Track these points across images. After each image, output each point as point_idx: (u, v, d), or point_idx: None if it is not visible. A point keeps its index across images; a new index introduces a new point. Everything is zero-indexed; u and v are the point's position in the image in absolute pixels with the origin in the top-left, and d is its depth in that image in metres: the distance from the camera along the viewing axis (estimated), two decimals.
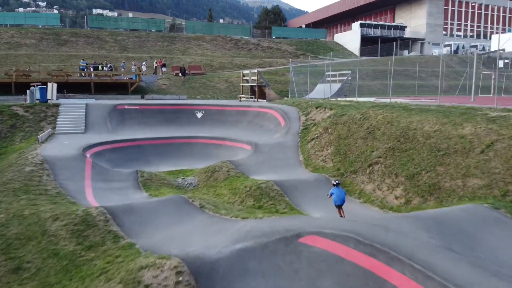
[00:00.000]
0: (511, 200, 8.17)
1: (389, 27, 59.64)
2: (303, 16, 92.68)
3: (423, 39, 59.59)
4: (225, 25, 60.56)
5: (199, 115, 22.24)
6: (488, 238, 6.60)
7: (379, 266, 5.38)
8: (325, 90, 26.01)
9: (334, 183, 10.15)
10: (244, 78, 28.97)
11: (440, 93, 17.27)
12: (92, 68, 31.59)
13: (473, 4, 64.16)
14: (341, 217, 9.52)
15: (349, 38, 57.97)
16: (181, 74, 32.47)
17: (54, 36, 46.69)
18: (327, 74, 28.85)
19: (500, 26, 66.74)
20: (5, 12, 73.61)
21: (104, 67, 32.04)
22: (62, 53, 41.92)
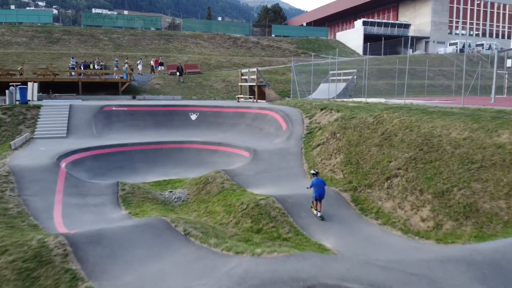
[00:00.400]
0: None
1: (393, 25, 57.89)
2: (303, 15, 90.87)
3: (427, 37, 57.84)
4: (223, 23, 58.59)
5: (193, 117, 20.50)
6: None
7: None
8: (329, 90, 24.26)
9: (313, 172, 10.06)
10: (243, 77, 27.23)
11: (464, 94, 15.51)
12: (82, 67, 29.87)
13: (478, 1, 62.42)
14: (317, 210, 9.39)
15: (351, 36, 56.22)
16: (178, 74, 30.73)
17: (46, 34, 45.02)
18: (331, 73, 27.13)
19: (506, 25, 65.07)
20: None
21: (96, 66, 30.30)
22: (53, 52, 40.16)
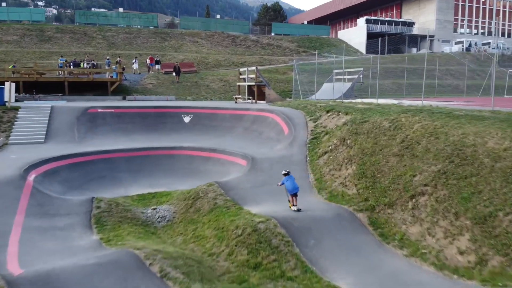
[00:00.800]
0: None
1: (397, 23, 56.17)
2: (304, 13, 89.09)
3: (432, 36, 56.10)
4: (222, 21, 56.79)
5: (186, 119, 18.79)
6: None
7: None
8: (333, 90, 22.56)
9: (284, 172, 9.61)
10: (241, 76, 25.51)
11: (493, 94, 13.81)
12: (72, 66, 28.14)
13: None
14: (294, 205, 9.14)
15: (354, 34, 54.50)
16: (175, 74, 28.81)
17: (37, 32, 43.35)
18: (336, 72, 25.43)
19: None
20: None
21: (86, 64, 28.56)
22: (43, 50, 38.45)
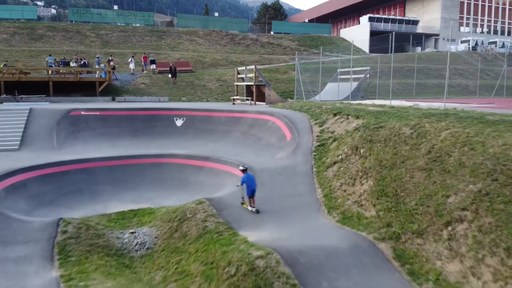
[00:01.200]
0: None
1: (401, 21, 54.54)
2: (305, 12, 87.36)
3: (437, 34, 54.51)
4: (221, 19, 55.01)
5: (178, 122, 17.16)
6: None
7: None
8: (338, 90, 20.94)
9: (241, 168, 9.48)
10: (239, 75, 23.86)
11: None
12: (62, 65, 26.51)
13: None
14: (252, 206, 9.09)
15: (356, 33, 52.81)
16: (171, 75, 26.89)
17: (28, 31, 41.73)
18: (340, 71, 23.83)
19: None
20: None
21: (74, 63, 26.92)
22: (33, 49, 36.83)
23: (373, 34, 50.32)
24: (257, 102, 21.82)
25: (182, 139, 16.10)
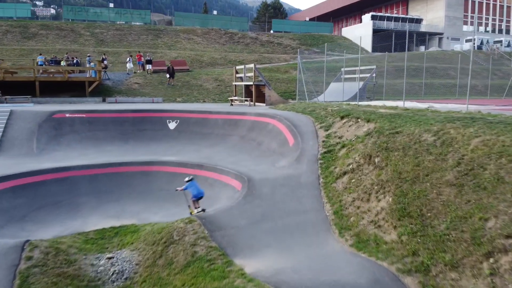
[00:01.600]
0: None
1: (404, 19, 53.24)
2: (305, 11, 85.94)
3: (441, 33, 53.23)
4: (219, 17, 53.64)
5: (171, 125, 15.89)
6: None
7: None
8: (343, 90, 19.68)
9: (187, 179, 9.14)
10: (238, 75, 22.59)
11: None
12: (53, 64, 25.27)
13: None
14: (195, 208, 9.00)
15: (359, 31, 51.48)
16: (168, 76, 25.49)
17: (21, 29, 40.48)
18: (344, 70, 22.58)
19: None
20: None
21: (65, 62, 25.64)
22: (24, 48, 35.57)
23: (376, 32, 49.09)
24: (256, 103, 20.57)
25: (175, 143, 14.84)
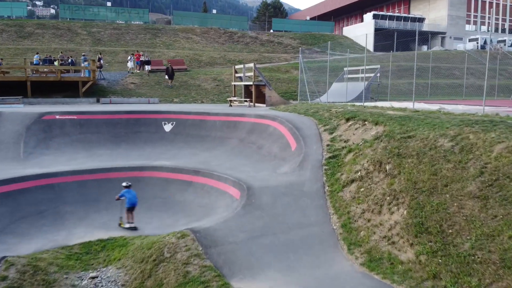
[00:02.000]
0: None
1: (406, 18, 52.53)
2: (306, 10, 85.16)
3: (444, 32, 52.45)
4: (219, 16, 52.86)
5: (167, 127, 15.14)
6: None
7: None
8: (347, 90, 18.92)
9: (124, 185, 8.98)
10: (237, 75, 21.84)
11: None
12: (47, 63, 24.49)
13: None
14: (129, 222, 8.79)
15: (360, 31, 50.77)
16: (168, 77, 24.66)
17: (17, 28, 39.75)
18: (347, 69, 21.83)
19: None
20: None
21: (56, 62, 24.83)
22: (19, 47, 34.83)
23: (377, 31, 48.31)
24: (256, 104, 19.83)
25: (171, 147, 14.08)
